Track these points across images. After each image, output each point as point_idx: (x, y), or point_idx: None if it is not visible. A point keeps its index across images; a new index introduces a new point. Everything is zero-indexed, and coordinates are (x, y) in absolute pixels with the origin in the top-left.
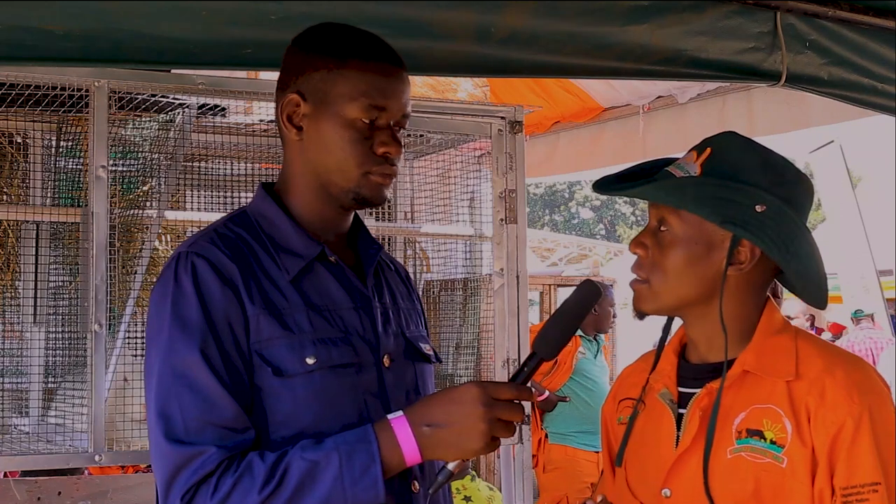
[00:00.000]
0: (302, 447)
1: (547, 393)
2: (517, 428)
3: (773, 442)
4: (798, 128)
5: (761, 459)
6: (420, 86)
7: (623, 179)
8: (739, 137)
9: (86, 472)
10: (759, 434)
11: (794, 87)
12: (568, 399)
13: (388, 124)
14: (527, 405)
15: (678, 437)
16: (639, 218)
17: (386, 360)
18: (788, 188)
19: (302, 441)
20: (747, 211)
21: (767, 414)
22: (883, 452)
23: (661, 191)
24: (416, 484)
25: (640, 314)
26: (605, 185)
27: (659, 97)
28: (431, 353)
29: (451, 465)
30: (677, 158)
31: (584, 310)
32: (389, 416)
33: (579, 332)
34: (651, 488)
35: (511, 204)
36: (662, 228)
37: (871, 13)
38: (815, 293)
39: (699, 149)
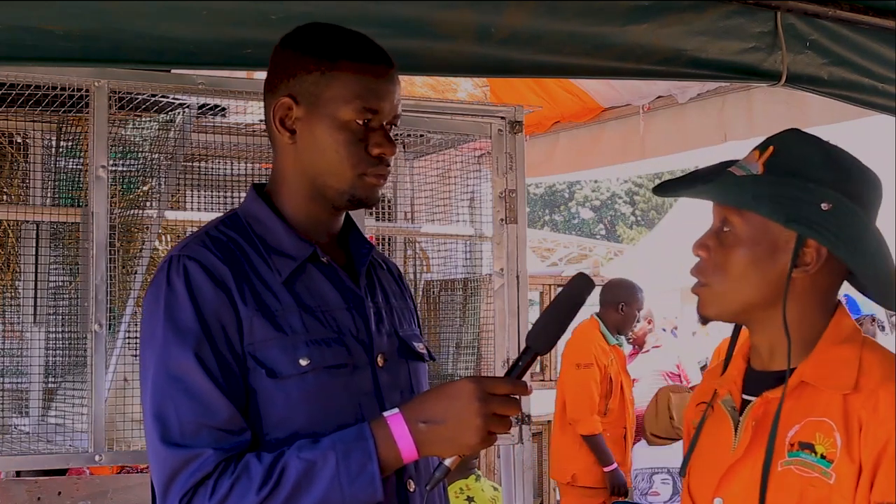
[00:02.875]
0: (298, 447)
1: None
2: (513, 423)
3: (822, 457)
4: (798, 128)
5: (809, 474)
6: (420, 86)
7: (685, 183)
8: (802, 134)
9: (86, 471)
10: (811, 448)
11: (795, 87)
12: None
13: (381, 125)
14: (524, 400)
15: (735, 445)
16: (639, 218)
17: (380, 360)
18: (855, 184)
19: (298, 441)
20: (813, 209)
21: (821, 427)
22: None
23: (721, 190)
24: (412, 483)
25: (704, 319)
26: (667, 188)
27: (659, 97)
28: (425, 351)
29: (447, 461)
30: (737, 161)
31: (576, 303)
32: (385, 414)
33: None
34: (707, 496)
35: (511, 204)
36: (725, 229)
37: (871, 13)
38: (886, 293)
39: (762, 147)
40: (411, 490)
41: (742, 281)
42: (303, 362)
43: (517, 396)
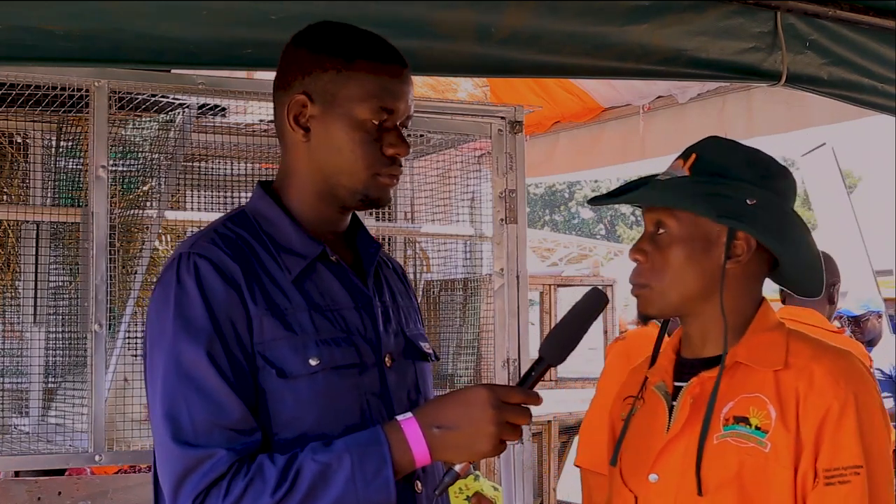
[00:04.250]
0: (312, 449)
1: None
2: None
3: (757, 428)
4: (797, 128)
5: (745, 444)
6: (420, 86)
7: (616, 193)
8: (722, 140)
9: (87, 471)
10: (745, 420)
11: (794, 87)
12: None
13: (395, 125)
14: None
15: (669, 426)
16: (638, 218)
17: (387, 360)
18: (773, 180)
19: (311, 443)
20: (740, 204)
21: (754, 402)
22: (866, 437)
23: (656, 193)
24: (419, 485)
25: (645, 317)
26: (601, 200)
27: (659, 97)
28: (430, 351)
29: (457, 467)
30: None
31: (589, 316)
32: (399, 418)
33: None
34: (641, 476)
35: (511, 204)
36: (660, 231)
37: (871, 13)
38: (810, 281)
39: (685, 156)
40: (419, 491)
41: (681, 276)
42: (313, 362)
43: (528, 406)
